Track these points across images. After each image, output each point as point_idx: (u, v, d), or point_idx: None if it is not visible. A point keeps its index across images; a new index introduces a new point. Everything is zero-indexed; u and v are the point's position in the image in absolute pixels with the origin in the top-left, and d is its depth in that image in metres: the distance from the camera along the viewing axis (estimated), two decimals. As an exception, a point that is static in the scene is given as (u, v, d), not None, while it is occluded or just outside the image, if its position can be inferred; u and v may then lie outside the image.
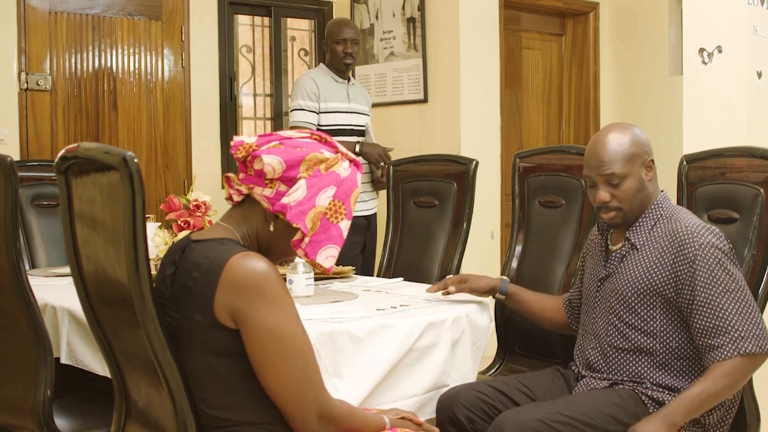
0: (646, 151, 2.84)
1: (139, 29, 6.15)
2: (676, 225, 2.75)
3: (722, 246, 2.69)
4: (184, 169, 6.31)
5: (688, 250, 2.68)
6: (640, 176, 2.81)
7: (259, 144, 2.22)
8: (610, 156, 2.79)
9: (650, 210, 2.84)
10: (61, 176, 2.32)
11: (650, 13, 7.11)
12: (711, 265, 2.65)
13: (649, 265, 2.77)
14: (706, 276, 2.65)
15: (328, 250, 2.23)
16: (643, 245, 2.81)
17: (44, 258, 4.54)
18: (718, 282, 2.64)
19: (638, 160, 2.81)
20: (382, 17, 6.65)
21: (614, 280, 2.87)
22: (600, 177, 2.82)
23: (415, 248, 4.21)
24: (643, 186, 2.82)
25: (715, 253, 2.66)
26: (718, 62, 4.45)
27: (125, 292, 2.13)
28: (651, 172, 2.84)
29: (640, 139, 2.84)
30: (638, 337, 2.79)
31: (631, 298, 2.80)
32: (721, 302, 2.63)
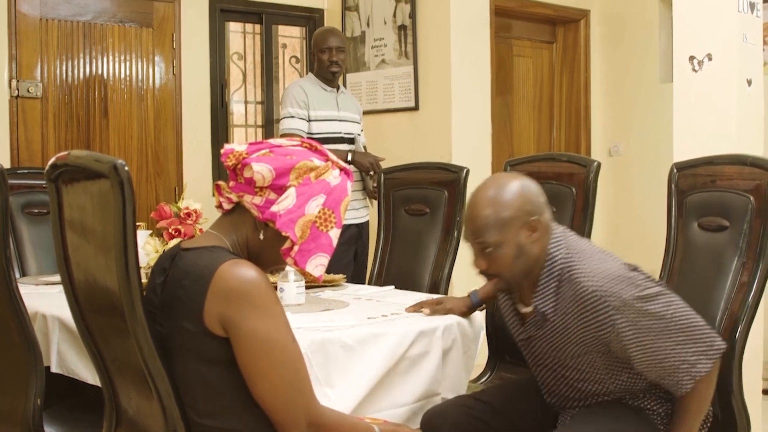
0: (528, 211, 2.59)
1: (130, 36, 6.14)
2: (578, 289, 2.54)
3: (637, 292, 2.51)
4: (175, 177, 6.31)
5: (602, 315, 2.51)
6: (517, 242, 2.58)
7: (249, 152, 2.22)
8: (480, 224, 2.58)
9: (546, 270, 2.63)
10: (51, 184, 2.31)
11: (640, 21, 7.13)
12: (633, 321, 2.50)
13: (568, 334, 2.63)
14: (632, 334, 2.51)
15: (318, 258, 2.23)
16: (554, 314, 2.64)
17: (34, 266, 4.52)
18: (647, 331, 2.51)
19: (515, 224, 2.57)
20: (373, 25, 6.66)
21: (540, 344, 2.75)
22: (474, 245, 2.65)
23: (406, 256, 4.21)
24: (522, 251, 2.59)
25: (631, 309, 2.49)
26: (708, 70, 4.46)
27: (115, 300, 2.13)
28: (536, 232, 2.60)
29: (519, 199, 2.59)
30: (590, 387, 2.73)
31: (565, 360, 2.69)
32: (660, 347, 2.52)
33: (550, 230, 2.65)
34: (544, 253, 2.63)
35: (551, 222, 2.68)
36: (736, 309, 2.93)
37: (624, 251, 6.86)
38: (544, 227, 2.63)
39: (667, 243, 3.24)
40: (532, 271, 2.64)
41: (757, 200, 2.98)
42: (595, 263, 2.58)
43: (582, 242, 2.71)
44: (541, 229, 2.61)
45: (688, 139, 4.50)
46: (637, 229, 6.87)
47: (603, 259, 2.60)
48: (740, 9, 4.42)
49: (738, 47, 4.43)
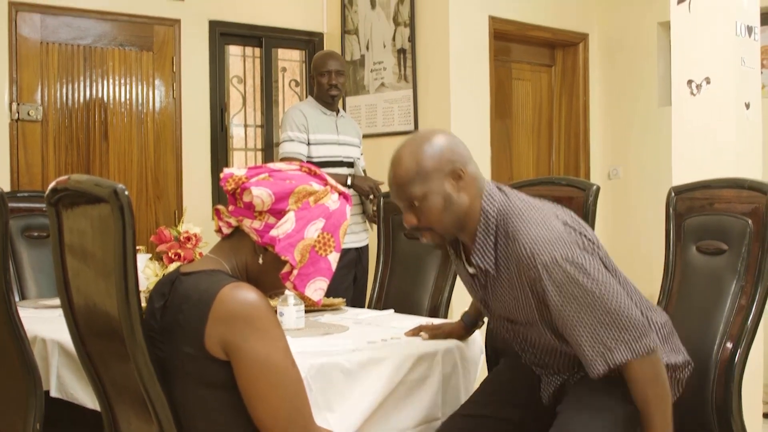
0: (449, 159, 2.56)
1: (131, 60, 6.17)
2: (515, 246, 2.51)
3: (570, 254, 2.47)
4: (175, 200, 6.32)
5: (533, 272, 2.48)
6: (443, 192, 2.55)
7: (249, 176, 2.23)
8: (402, 180, 2.59)
9: (481, 225, 2.59)
10: (51, 208, 2.32)
11: (639, 45, 7.16)
12: (559, 285, 2.46)
13: (513, 291, 2.60)
14: (557, 298, 2.47)
15: (317, 282, 2.24)
16: (496, 269, 2.61)
17: (34, 289, 4.53)
18: (571, 299, 2.46)
19: (437, 174, 2.54)
20: (372, 48, 6.69)
21: (493, 306, 2.73)
22: (400, 202, 2.64)
23: (405, 280, 4.21)
24: (449, 201, 2.55)
25: (560, 271, 2.45)
26: (707, 93, 4.48)
27: (115, 324, 2.13)
28: (461, 181, 2.57)
29: (437, 150, 2.56)
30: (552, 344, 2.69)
31: (518, 319, 2.67)
32: (579, 319, 2.46)
33: (478, 182, 2.61)
34: (475, 205, 2.58)
35: (479, 175, 2.63)
36: (736, 332, 2.93)
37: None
38: (471, 177, 2.58)
39: (666, 266, 3.24)
40: (465, 225, 2.60)
41: (755, 224, 2.98)
42: (534, 219, 2.53)
43: (515, 195, 2.65)
44: (467, 178, 2.57)
45: (686, 162, 4.52)
46: (636, 252, 6.87)
47: (542, 216, 2.55)
48: (738, 33, 4.44)
49: (736, 71, 4.45)
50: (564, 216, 2.59)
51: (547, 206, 2.62)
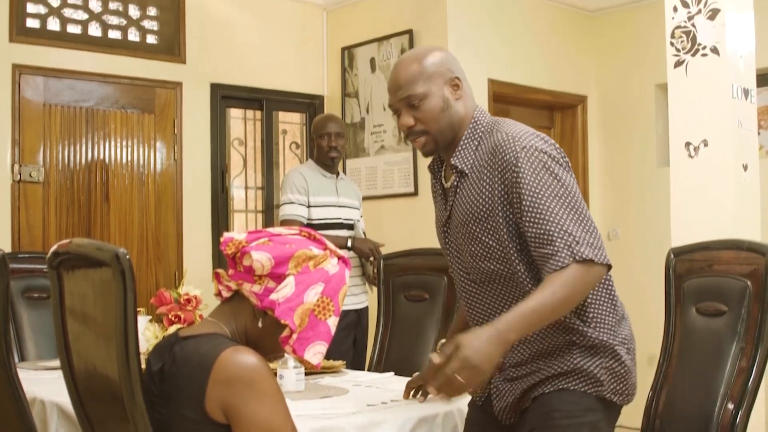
0: (449, 68, 2.63)
1: (132, 122, 6.21)
2: (497, 135, 2.53)
3: (549, 150, 2.48)
4: (175, 262, 6.32)
5: (510, 155, 2.46)
6: (443, 95, 2.60)
7: (249, 240, 2.24)
8: (405, 78, 2.60)
9: (469, 131, 2.62)
10: (53, 271, 2.33)
11: (637, 106, 7.21)
12: (535, 169, 2.43)
13: (479, 186, 2.55)
14: (530, 180, 2.42)
15: (316, 346, 2.24)
16: (471, 169, 2.59)
17: (34, 350, 4.52)
18: (545, 185, 2.41)
19: (438, 78, 2.60)
20: (372, 111, 6.74)
21: (455, 215, 2.65)
22: (400, 102, 2.62)
23: (406, 342, 4.20)
24: (448, 105, 2.60)
25: (539, 156, 2.45)
26: (705, 155, 4.51)
27: (115, 388, 2.13)
28: (459, 90, 2.63)
29: (438, 58, 2.63)
30: (490, 265, 2.56)
31: (472, 227, 2.57)
32: (549, 206, 2.39)
33: (471, 99, 2.67)
34: (468, 114, 2.64)
35: (472, 95, 2.70)
36: (736, 394, 2.93)
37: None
38: (465, 92, 2.65)
39: (666, 327, 3.24)
40: (456, 131, 2.63)
41: (755, 285, 2.99)
42: (522, 126, 2.58)
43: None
44: (463, 91, 2.64)
45: (685, 223, 4.53)
46: (636, 313, 6.82)
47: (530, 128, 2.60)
48: (734, 95, 4.48)
49: (733, 133, 4.48)
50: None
51: None
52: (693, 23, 4.57)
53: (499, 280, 2.57)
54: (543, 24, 7.02)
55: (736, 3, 4.56)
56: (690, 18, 4.58)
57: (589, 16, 7.50)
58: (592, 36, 7.52)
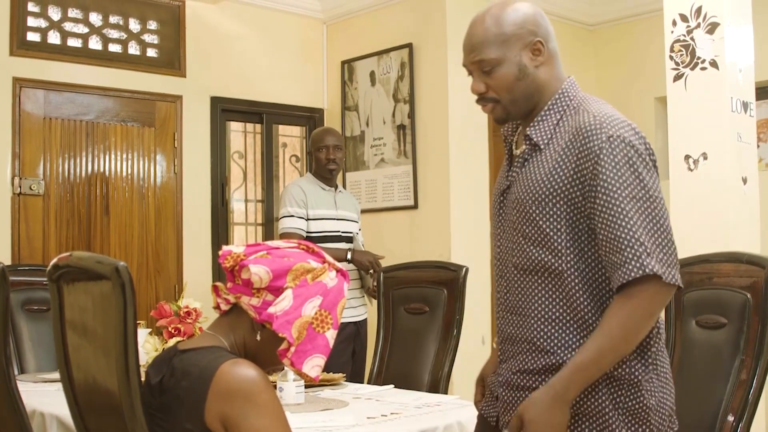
0: (531, 31, 2.34)
1: (132, 135, 6.22)
2: (584, 116, 2.25)
3: (636, 143, 2.20)
4: (175, 275, 6.32)
5: (593, 143, 2.18)
6: (519, 62, 2.32)
7: (247, 253, 2.25)
8: (479, 39, 2.33)
9: (553, 102, 2.35)
10: (53, 284, 2.33)
11: (637, 120, 7.10)
12: (618, 163, 2.15)
13: (551, 165, 2.26)
14: (610, 175, 2.14)
15: (315, 359, 2.24)
16: (547, 144, 2.31)
17: (33, 363, 4.52)
18: (624, 185, 2.14)
19: (516, 42, 2.32)
20: (372, 124, 6.75)
21: (515, 189, 2.35)
22: (472, 65, 2.37)
23: (405, 355, 4.20)
24: (525, 74, 2.32)
25: (625, 150, 2.17)
26: (704, 169, 4.52)
27: (115, 400, 2.13)
28: (540, 56, 2.34)
29: (521, 16, 2.35)
30: (540, 254, 2.26)
31: (530, 207, 2.27)
32: (625, 209, 2.12)
33: (557, 60, 2.40)
34: (552, 83, 2.37)
35: (558, 55, 2.42)
36: (737, 406, 2.92)
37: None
38: (551, 54, 2.37)
39: (666, 341, 3.24)
40: (535, 102, 2.37)
41: (755, 297, 2.99)
42: (609, 108, 2.30)
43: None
44: (547, 54, 2.35)
45: (684, 236, 4.53)
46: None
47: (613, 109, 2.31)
48: (734, 109, 4.49)
49: (733, 146, 4.49)
50: None
51: None
52: (692, 37, 4.58)
53: (543, 273, 2.27)
54: (542, 37, 7.03)
55: (735, 17, 4.57)
56: (689, 32, 4.60)
57: (588, 30, 7.51)
58: (592, 49, 7.54)
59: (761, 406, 2.99)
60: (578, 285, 2.21)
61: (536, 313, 2.27)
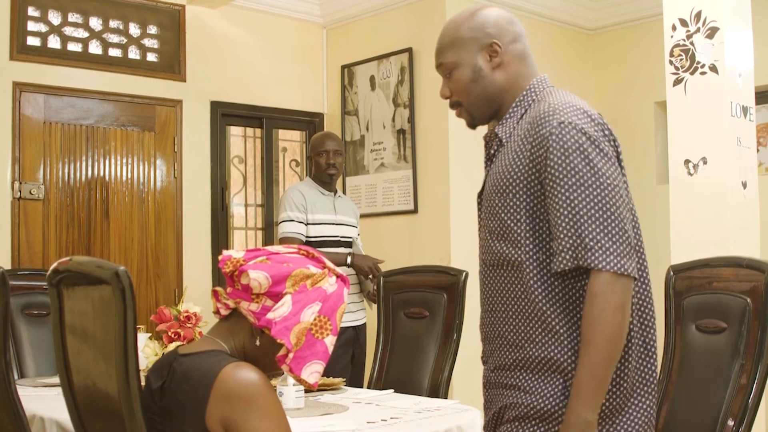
0: (488, 33, 2.32)
1: (132, 140, 6.22)
2: (541, 105, 2.22)
3: (591, 131, 2.12)
4: (175, 279, 6.32)
5: (545, 129, 2.13)
6: (474, 64, 2.32)
7: (247, 259, 2.25)
8: (439, 45, 2.37)
9: (519, 99, 2.32)
10: (53, 289, 2.33)
11: (636, 124, 7.22)
12: (567, 149, 2.09)
13: (511, 157, 2.23)
14: (559, 161, 2.09)
15: (313, 365, 2.24)
16: (509, 138, 2.30)
17: (33, 367, 4.52)
18: (572, 171, 2.07)
19: (472, 45, 2.32)
20: (372, 129, 6.75)
21: (486, 187, 2.35)
22: (437, 70, 2.40)
23: (405, 360, 4.21)
24: (479, 75, 2.32)
25: (575, 136, 2.09)
26: (704, 173, 4.52)
27: (115, 405, 2.13)
28: (497, 57, 2.32)
29: (480, 20, 2.35)
30: (503, 248, 2.22)
31: (495, 201, 2.25)
32: (570, 196, 2.06)
33: (525, 60, 2.38)
34: (518, 82, 2.34)
35: (528, 60, 2.40)
36: (737, 410, 2.93)
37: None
38: (512, 56, 2.34)
39: (666, 345, 3.24)
40: (499, 103, 2.35)
41: (755, 302, 2.99)
42: (571, 97, 2.25)
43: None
44: (506, 57, 2.34)
45: (684, 241, 4.54)
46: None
47: (583, 103, 2.25)
48: (733, 113, 4.50)
49: (732, 151, 4.49)
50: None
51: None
52: (692, 41, 4.59)
53: (506, 266, 2.22)
54: (543, 42, 7.03)
55: (734, 21, 4.58)
56: (689, 36, 4.60)
57: (588, 35, 7.52)
58: (592, 54, 7.54)
59: (761, 410, 2.99)
60: (535, 276, 2.16)
61: (503, 307, 2.24)
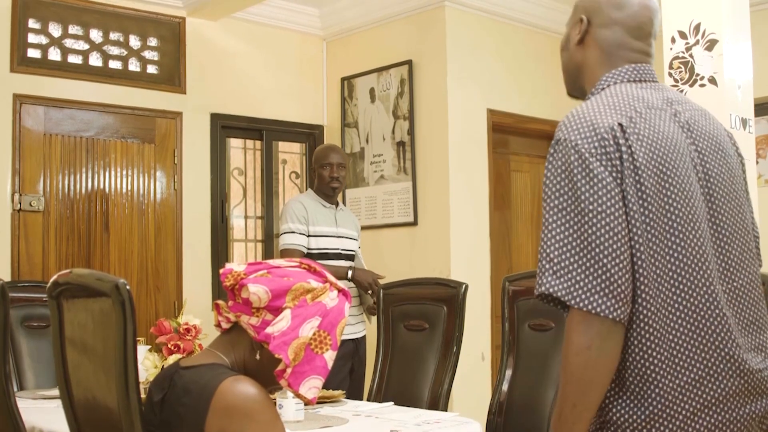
0: (585, 7, 2.22)
1: (132, 152, 6.22)
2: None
3: (587, 149, 1.91)
4: (175, 291, 6.32)
5: (552, 141, 2.01)
6: (568, 33, 2.26)
7: (248, 272, 2.25)
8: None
9: (591, 93, 2.19)
10: (53, 301, 2.33)
11: (636, 137, 7.22)
12: (557, 168, 1.94)
13: None
14: (547, 181, 1.96)
15: (312, 381, 2.23)
16: None
17: (33, 379, 4.51)
18: (557, 191, 1.92)
19: (575, 13, 2.25)
20: (372, 141, 6.75)
21: None
22: None
23: (405, 372, 4.20)
24: (566, 45, 2.27)
25: (568, 154, 1.92)
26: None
27: (114, 417, 2.13)
28: (577, 32, 2.22)
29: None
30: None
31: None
32: (550, 218, 1.91)
33: (603, 49, 2.19)
34: (587, 68, 2.22)
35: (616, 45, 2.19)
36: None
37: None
38: (594, 38, 2.20)
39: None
40: (573, 77, 2.28)
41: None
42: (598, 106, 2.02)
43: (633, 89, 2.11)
44: (588, 36, 2.21)
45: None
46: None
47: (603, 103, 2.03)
48: (733, 125, 4.49)
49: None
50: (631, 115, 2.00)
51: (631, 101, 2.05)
52: (691, 54, 4.59)
53: None
54: (542, 54, 7.05)
55: (733, 33, 4.58)
56: (688, 49, 4.61)
57: (587, 47, 7.53)
58: (591, 66, 7.54)
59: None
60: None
61: None
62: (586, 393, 1.86)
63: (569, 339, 1.86)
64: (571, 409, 1.88)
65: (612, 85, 2.13)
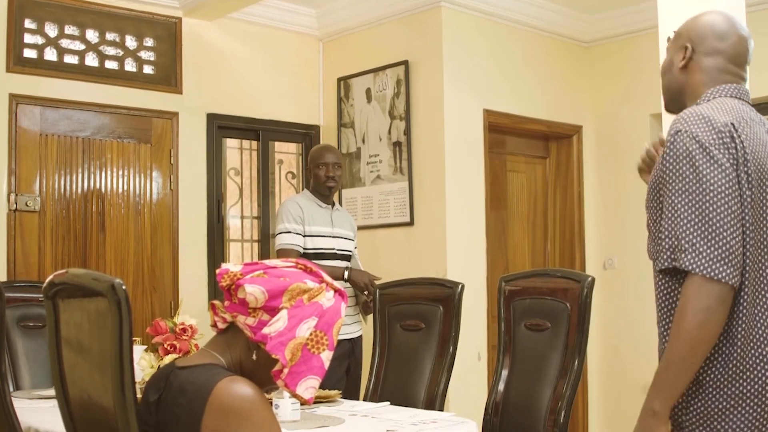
0: (690, 37, 2.50)
1: (129, 152, 6.22)
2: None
3: (706, 138, 2.24)
4: (171, 292, 6.31)
5: (669, 135, 2.31)
6: (671, 57, 2.55)
7: (244, 273, 2.25)
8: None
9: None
10: (48, 301, 2.33)
11: (632, 136, 7.22)
12: (678, 156, 2.25)
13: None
14: (670, 167, 2.26)
15: (309, 381, 2.23)
16: None
17: (29, 379, 4.51)
18: (679, 176, 2.23)
19: (678, 39, 2.54)
20: (368, 141, 6.75)
21: None
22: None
23: (401, 372, 4.20)
24: (669, 69, 2.56)
25: (688, 143, 2.24)
26: (699, 186, 4.51)
27: (110, 417, 2.13)
28: (682, 60, 2.49)
29: (693, 22, 2.53)
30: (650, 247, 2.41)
31: (648, 203, 2.43)
32: (674, 200, 2.22)
33: (708, 74, 2.48)
34: (691, 89, 2.50)
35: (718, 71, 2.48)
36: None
37: (620, 364, 6.83)
38: (699, 65, 2.49)
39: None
40: (674, 97, 2.56)
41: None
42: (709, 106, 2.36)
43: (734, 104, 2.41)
44: (693, 62, 2.49)
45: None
46: (633, 341, 6.85)
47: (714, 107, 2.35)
48: (729, 126, 4.50)
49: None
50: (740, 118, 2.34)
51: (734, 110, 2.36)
52: (687, 54, 4.60)
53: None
54: (538, 55, 7.05)
55: (729, 34, 4.58)
56: (684, 49, 4.61)
57: (583, 47, 7.54)
58: (587, 67, 7.55)
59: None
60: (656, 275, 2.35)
61: None
62: (696, 349, 2.16)
63: (686, 303, 2.16)
64: (681, 362, 2.17)
65: (718, 97, 2.41)
